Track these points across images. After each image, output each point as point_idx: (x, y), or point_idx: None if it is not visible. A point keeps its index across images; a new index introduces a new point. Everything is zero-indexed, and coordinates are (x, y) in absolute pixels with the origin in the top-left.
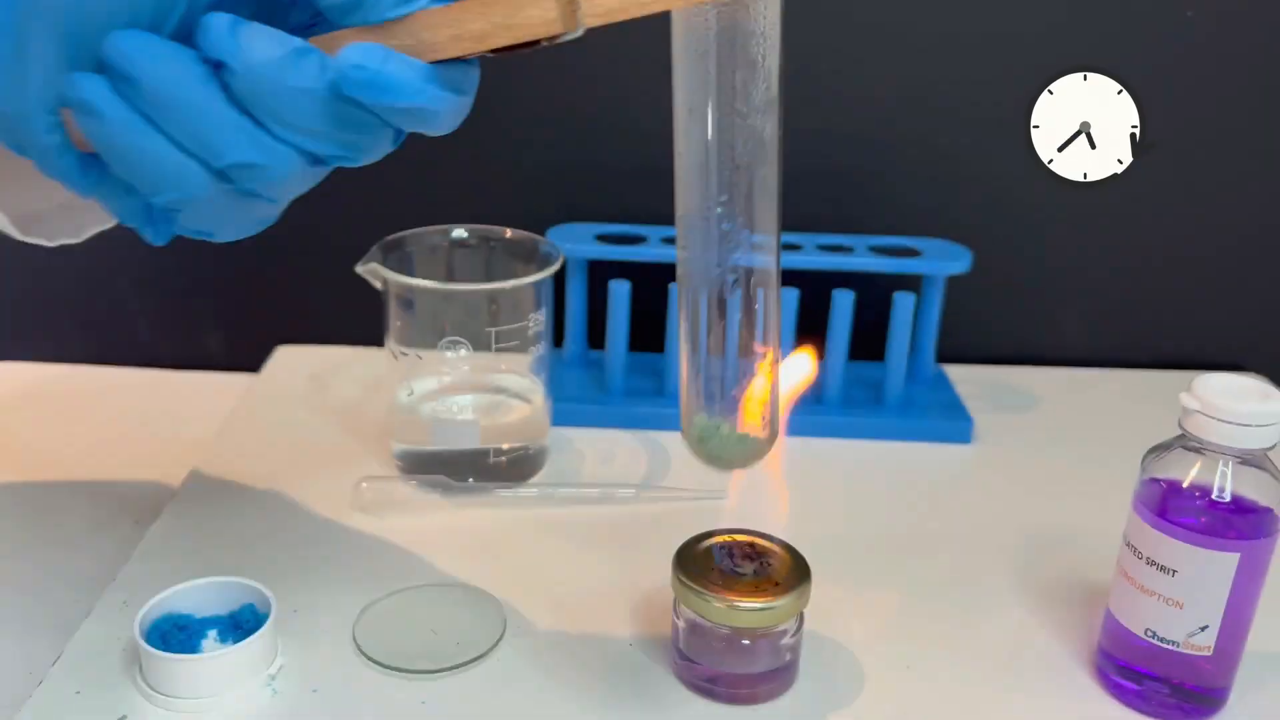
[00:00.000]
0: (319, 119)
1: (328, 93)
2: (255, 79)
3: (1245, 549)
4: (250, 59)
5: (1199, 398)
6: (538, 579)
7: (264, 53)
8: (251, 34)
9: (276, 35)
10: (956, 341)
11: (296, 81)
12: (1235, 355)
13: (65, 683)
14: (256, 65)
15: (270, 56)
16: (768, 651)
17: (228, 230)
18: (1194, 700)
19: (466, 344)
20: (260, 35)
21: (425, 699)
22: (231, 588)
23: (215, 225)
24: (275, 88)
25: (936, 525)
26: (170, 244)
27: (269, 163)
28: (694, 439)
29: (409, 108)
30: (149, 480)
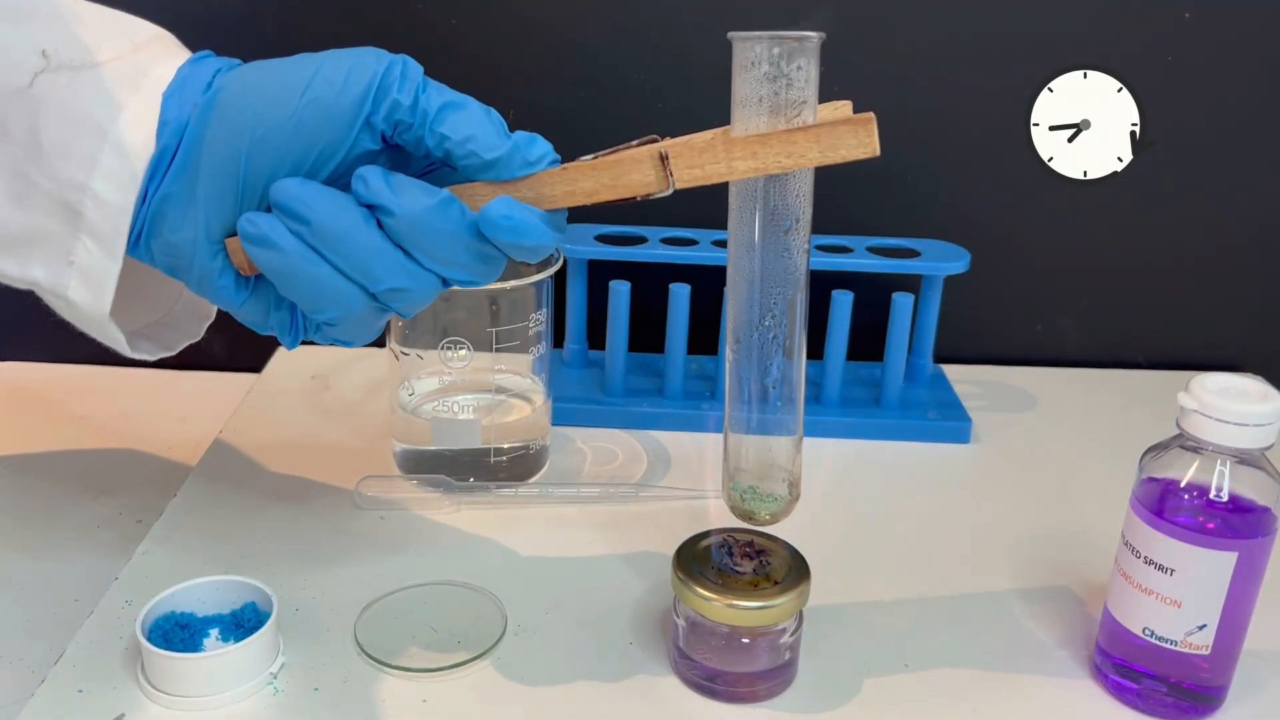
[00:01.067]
0: (459, 252)
1: (467, 233)
2: (411, 221)
3: (1243, 548)
4: (407, 206)
5: (1197, 398)
6: (538, 579)
7: (418, 202)
8: (402, 184)
9: (422, 186)
10: (955, 341)
11: (444, 225)
12: (1233, 355)
13: (67, 681)
14: (413, 211)
15: (424, 205)
16: (767, 650)
17: (362, 339)
18: (1192, 699)
19: (467, 344)
20: (410, 186)
21: (426, 697)
22: (233, 587)
23: (355, 336)
24: (427, 229)
25: (935, 525)
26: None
27: (416, 288)
28: (734, 499)
29: (531, 246)
30: (151, 480)
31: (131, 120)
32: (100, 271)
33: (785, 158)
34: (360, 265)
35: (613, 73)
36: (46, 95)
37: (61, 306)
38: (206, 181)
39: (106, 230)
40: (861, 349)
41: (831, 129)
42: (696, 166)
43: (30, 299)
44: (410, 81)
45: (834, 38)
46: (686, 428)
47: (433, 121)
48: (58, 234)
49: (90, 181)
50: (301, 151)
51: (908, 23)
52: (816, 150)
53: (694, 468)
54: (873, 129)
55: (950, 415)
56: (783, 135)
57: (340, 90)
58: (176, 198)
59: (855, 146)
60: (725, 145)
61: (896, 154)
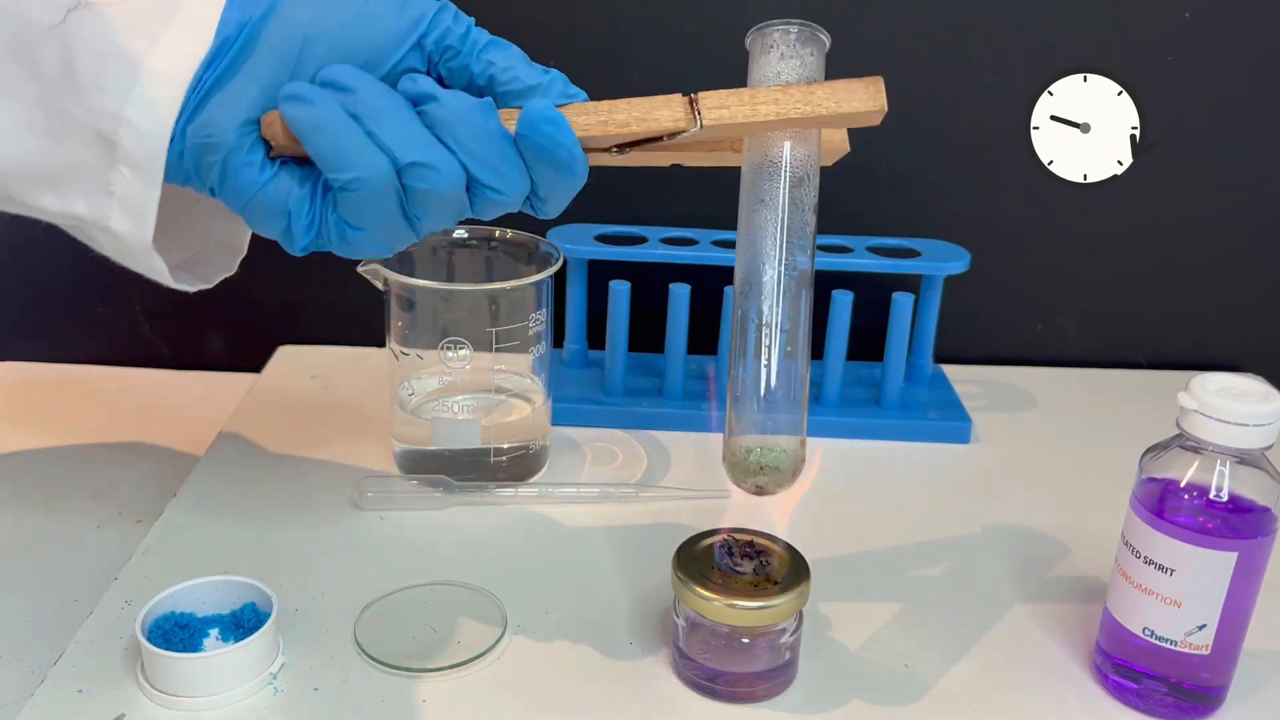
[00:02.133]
0: (491, 149)
1: (502, 136)
2: (453, 110)
3: (1243, 548)
4: (452, 99)
5: (1197, 398)
6: (538, 579)
7: (463, 99)
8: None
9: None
10: (955, 342)
11: (483, 122)
12: (1233, 355)
13: (67, 681)
14: (456, 103)
15: (469, 102)
16: (767, 650)
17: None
18: (1192, 699)
19: (467, 344)
20: (456, 91)
21: (425, 697)
22: (233, 587)
23: (365, 225)
24: (465, 120)
25: (935, 525)
26: None
27: (441, 167)
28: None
29: (564, 156)
30: (150, 479)
31: (165, 52)
32: (139, 201)
33: (804, 104)
34: (392, 132)
35: (610, 67)
36: (80, 29)
37: (104, 240)
38: (257, 66)
39: (143, 159)
40: (861, 349)
41: (845, 84)
42: (723, 107)
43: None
44: (462, 19)
45: (835, 39)
46: (686, 428)
47: (481, 50)
48: (95, 165)
49: (124, 110)
50: (351, 54)
51: (908, 24)
52: (832, 100)
53: (694, 468)
54: (880, 87)
55: (950, 415)
56: (802, 87)
57: (400, 8)
58: (227, 81)
59: (866, 100)
60: (750, 91)
61: (896, 154)
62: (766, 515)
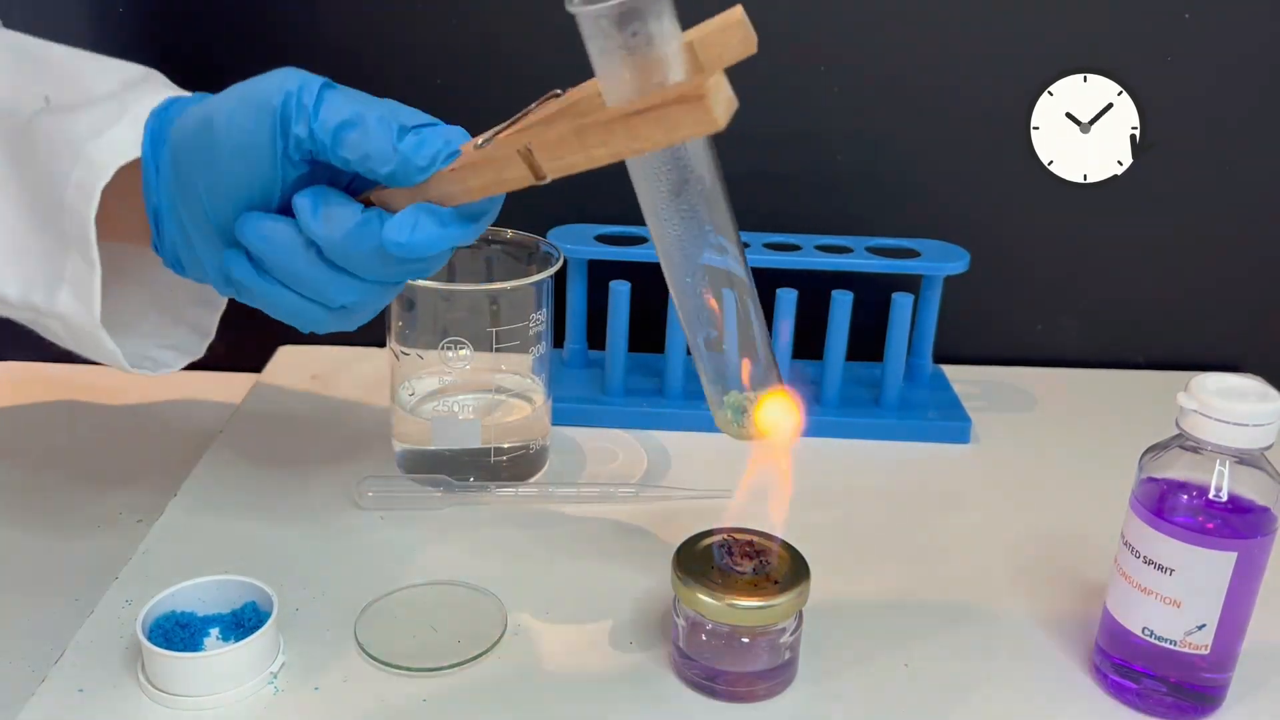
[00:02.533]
0: (388, 266)
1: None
2: (337, 249)
3: (1242, 548)
4: (328, 237)
5: (1196, 398)
6: (538, 578)
7: (337, 230)
8: (329, 211)
9: (345, 208)
10: (955, 342)
11: (366, 245)
12: (1232, 355)
13: (68, 681)
14: (336, 240)
15: (344, 230)
16: (767, 650)
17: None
18: (1191, 699)
19: (467, 344)
20: (335, 211)
21: (426, 697)
22: (233, 586)
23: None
24: (351, 253)
25: (935, 525)
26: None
27: (365, 299)
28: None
29: (440, 252)
30: (151, 479)
31: (105, 145)
32: (84, 281)
33: (634, 141)
34: (312, 290)
35: None
36: (42, 131)
37: (56, 327)
38: (191, 228)
39: (81, 241)
40: (861, 349)
41: (668, 112)
42: (559, 158)
43: None
44: (304, 112)
45: (835, 39)
46: (686, 428)
47: (332, 146)
48: (55, 255)
49: (64, 196)
50: (245, 192)
51: (909, 24)
52: (661, 133)
53: (694, 468)
54: (708, 103)
55: (950, 415)
56: (624, 122)
57: (252, 137)
58: (180, 245)
59: (696, 125)
60: (578, 134)
61: (897, 154)
62: (766, 515)
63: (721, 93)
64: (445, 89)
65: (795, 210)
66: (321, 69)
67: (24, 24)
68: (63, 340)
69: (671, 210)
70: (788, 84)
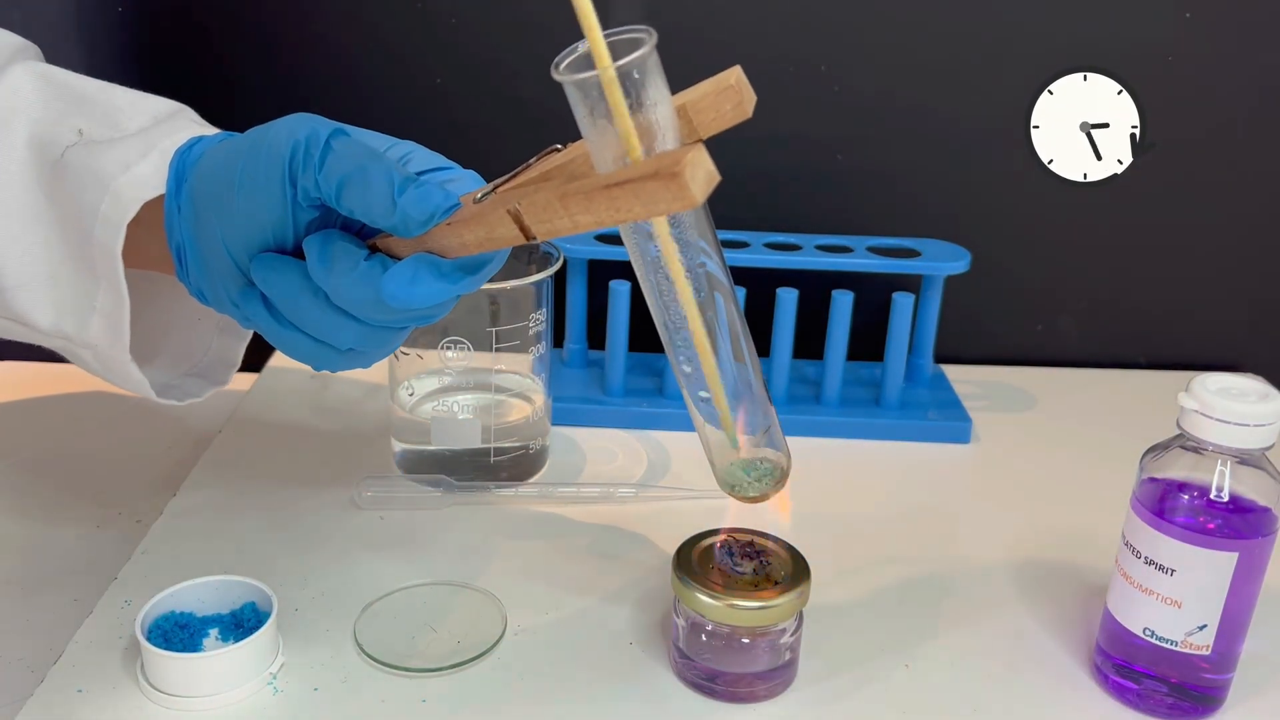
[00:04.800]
0: (390, 315)
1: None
2: (342, 296)
3: (1243, 548)
4: (335, 283)
5: (1197, 398)
6: (538, 579)
7: (344, 276)
8: (334, 258)
9: (349, 255)
10: (955, 342)
11: (369, 294)
12: (1233, 355)
13: (67, 681)
14: (341, 287)
15: (350, 279)
16: (767, 650)
17: (360, 366)
18: (1192, 699)
19: (467, 344)
20: (340, 258)
21: (425, 697)
22: (233, 586)
23: (349, 367)
24: (356, 300)
25: (935, 525)
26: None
27: (371, 343)
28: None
29: (439, 304)
30: (151, 480)
31: (132, 179)
32: (114, 311)
33: (615, 213)
34: (321, 333)
35: None
36: (75, 164)
37: (86, 356)
38: (211, 268)
39: (109, 272)
40: (861, 349)
41: (644, 186)
42: (545, 222)
43: None
44: (310, 165)
45: (835, 38)
46: (686, 428)
47: (335, 200)
48: (87, 285)
49: (94, 230)
50: (260, 232)
51: (909, 24)
52: (640, 206)
53: (694, 468)
54: (683, 183)
55: (950, 415)
56: (607, 192)
57: (264, 185)
58: (203, 281)
59: (673, 201)
60: (562, 201)
61: (897, 154)
62: (766, 515)
63: (700, 168)
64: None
65: (795, 210)
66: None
67: (22, 24)
68: (93, 369)
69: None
70: (788, 84)
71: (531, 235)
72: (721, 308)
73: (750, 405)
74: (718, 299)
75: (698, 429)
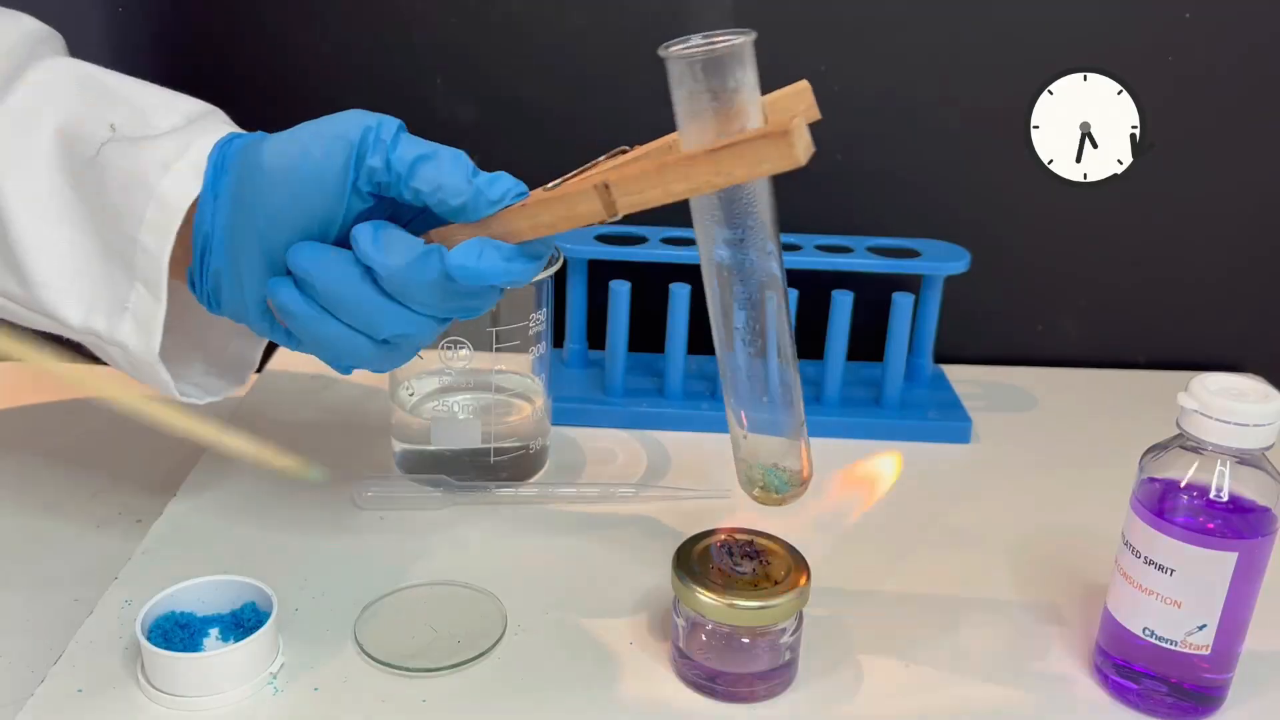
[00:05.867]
0: (444, 299)
1: (448, 279)
2: (395, 279)
3: (1243, 548)
4: (389, 264)
5: (1197, 398)
6: (538, 578)
7: (398, 258)
8: (389, 242)
9: (406, 241)
10: (955, 342)
11: (425, 276)
12: (1233, 355)
13: (67, 681)
14: (396, 268)
15: (405, 260)
16: (767, 650)
17: (385, 369)
18: (1192, 699)
19: (467, 344)
20: (395, 242)
21: (425, 697)
22: (233, 586)
23: (381, 369)
24: (410, 283)
25: (935, 525)
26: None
27: (414, 332)
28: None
29: (501, 284)
30: (151, 479)
31: (174, 181)
32: (149, 315)
33: (715, 177)
34: (362, 320)
35: (611, 72)
36: (110, 162)
37: (115, 354)
38: (240, 257)
39: (152, 276)
40: (861, 349)
41: (753, 146)
42: (636, 193)
43: None
44: (382, 144)
45: (835, 38)
46: (686, 428)
47: (406, 178)
48: (119, 284)
49: (138, 234)
50: (306, 221)
51: (909, 23)
52: (742, 167)
53: (694, 468)
54: (792, 141)
55: (950, 415)
56: (709, 156)
57: (323, 165)
58: (224, 273)
59: (779, 160)
60: (658, 171)
61: (897, 154)
62: (766, 515)
63: (803, 135)
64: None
65: (795, 210)
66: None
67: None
68: (119, 365)
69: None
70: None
71: (614, 210)
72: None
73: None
74: (771, 298)
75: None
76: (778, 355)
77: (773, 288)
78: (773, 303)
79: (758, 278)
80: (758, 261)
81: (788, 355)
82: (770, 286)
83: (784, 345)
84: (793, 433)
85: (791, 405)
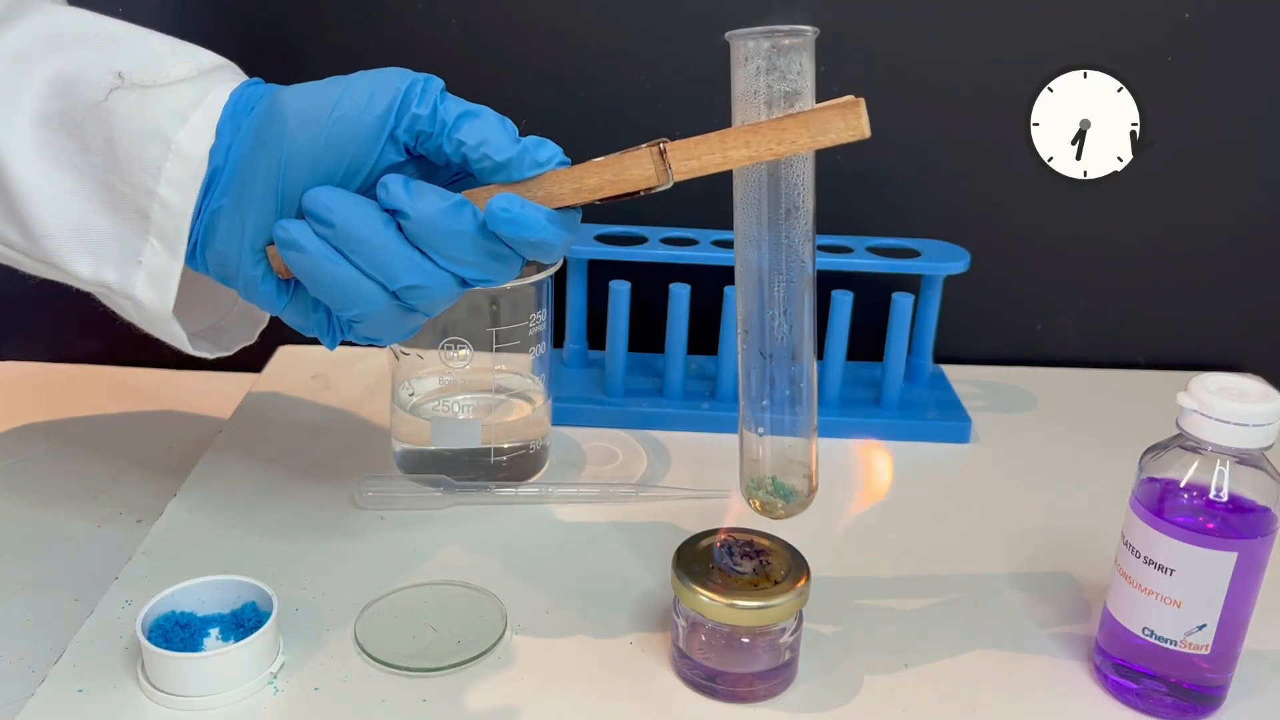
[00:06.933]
0: (470, 251)
1: (478, 233)
2: (425, 223)
3: (1242, 548)
4: (422, 208)
5: (1196, 398)
6: (538, 579)
7: (432, 205)
8: (420, 190)
9: (439, 191)
10: (955, 342)
11: (456, 225)
12: (1233, 355)
13: (68, 681)
14: (427, 213)
15: (438, 207)
16: (767, 650)
17: (390, 337)
18: (1192, 699)
19: (467, 344)
20: (428, 191)
21: (426, 697)
22: (233, 586)
23: (382, 333)
24: (440, 229)
25: (935, 524)
26: None
27: (432, 285)
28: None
29: (536, 240)
30: (151, 479)
31: (192, 132)
32: (164, 271)
33: (777, 144)
34: (379, 264)
35: (615, 74)
36: (119, 109)
37: (128, 307)
38: (249, 195)
39: (170, 231)
40: (861, 349)
41: (819, 114)
42: (693, 158)
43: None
44: (429, 95)
45: (833, 37)
46: (686, 428)
47: (450, 129)
48: (130, 236)
49: (157, 186)
50: (331, 165)
51: (908, 22)
52: (806, 135)
53: (694, 468)
54: (860, 111)
55: (950, 415)
56: (773, 123)
57: (364, 108)
58: (225, 211)
59: (844, 130)
60: (720, 137)
61: (897, 154)
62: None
63: (865, 112)
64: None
65: None
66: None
67: None
68: (129, 316)
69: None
70: None
71: (665, 176)
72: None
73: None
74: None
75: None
76: (806, 356)
77: (810, 288)
78: (809, 302)
79: (800, 279)
80: (799, 265)
81: (811, 356)
82: (809, 287)
83: (811, 347)
84: (808, 436)
85: (811, 408)
